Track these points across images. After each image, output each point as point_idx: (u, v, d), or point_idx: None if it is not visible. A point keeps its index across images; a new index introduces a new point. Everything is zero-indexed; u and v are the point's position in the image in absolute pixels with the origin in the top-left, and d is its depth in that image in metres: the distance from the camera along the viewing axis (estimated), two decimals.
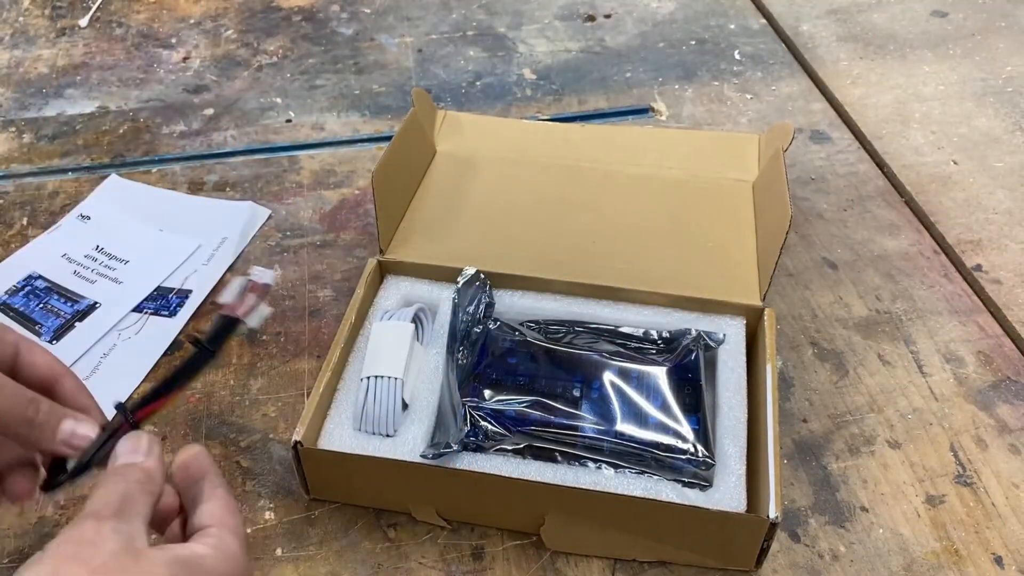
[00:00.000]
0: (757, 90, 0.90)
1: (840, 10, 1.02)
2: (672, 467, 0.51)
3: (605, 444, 0.52)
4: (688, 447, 0.51)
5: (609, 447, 0.52)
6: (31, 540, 0.53)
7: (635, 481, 0.50)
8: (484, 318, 0.59)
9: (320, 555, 0.52)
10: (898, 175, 0.79)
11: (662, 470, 0.51)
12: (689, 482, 0.51)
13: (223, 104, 0.89)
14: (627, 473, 0.51)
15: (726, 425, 0.53)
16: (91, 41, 0.99)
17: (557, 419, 0.53)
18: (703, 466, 0.51)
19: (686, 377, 0.55)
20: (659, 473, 0.51)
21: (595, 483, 0.50)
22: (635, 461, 0.51)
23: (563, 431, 0.52)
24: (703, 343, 0.57)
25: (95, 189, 0.78)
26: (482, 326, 0.59)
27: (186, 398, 0.61)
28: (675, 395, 0.54)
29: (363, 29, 1.00)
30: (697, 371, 0.55)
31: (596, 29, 1.00)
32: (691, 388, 0.54)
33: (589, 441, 0.52)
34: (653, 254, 0.63)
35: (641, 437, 0.52)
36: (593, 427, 0.52)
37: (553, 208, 0.67)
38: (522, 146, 0.73)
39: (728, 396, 0.55)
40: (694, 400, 0.54)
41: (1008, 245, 0.73)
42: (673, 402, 0.53)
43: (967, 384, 0.62)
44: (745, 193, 0.68)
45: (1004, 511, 0.55)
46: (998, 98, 0.89)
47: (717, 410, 0.54)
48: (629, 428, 0.52)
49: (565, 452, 0.52)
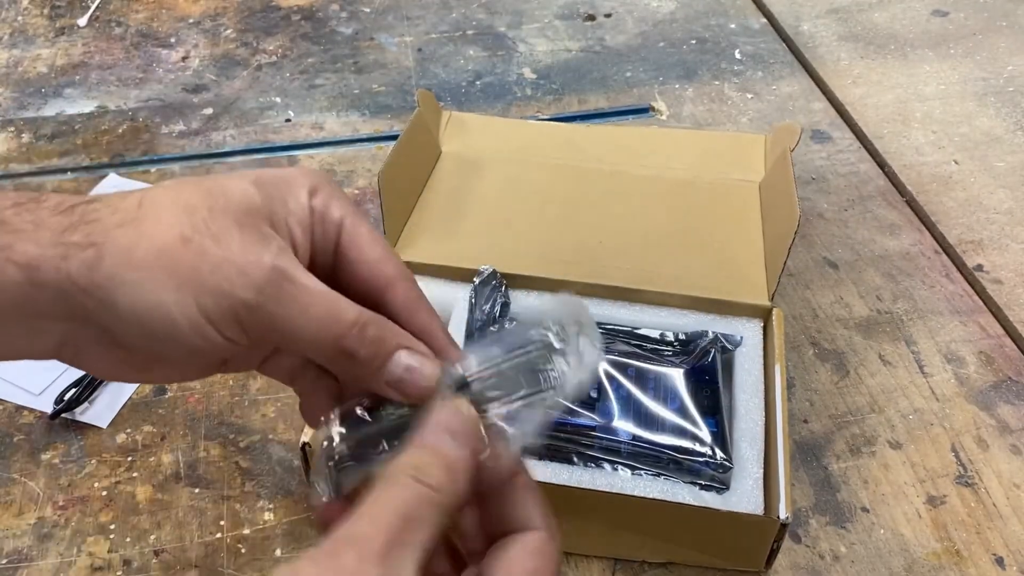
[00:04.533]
0: (758, 89, 0.90)
1: (841, 9, 1.02)
2: (690, 470, 0.51)
3: (622, 447, 0.51)
4: (706, 450, 0.51)
5: (626, 449, 0.51)
6: (29, 541, 0.53)
7: (652, 484, 0.50)
8: (500, 317, 0.59)
9: None
10: (899, 175, 0.79)
11: (680, 473, 0.51)
12: (707, 485, 0.50)
13: (222, 104, 0.89)
14: (644, 475, 0.51)
15: (743, 428, 0.53)
16: (90, 40, 0.98)
17: (574, 420, 0.52)
18: (720, 469, 0.50)
19: (703, 379, 0.54)
20: (676, 476, 0.51)
21: (611, 485, 0.50)
22: (652, 463, 0.51)
23: (579, 433, 0.52)
24: (720, 345, 0.57)
25: (94, 188, 0.78)
26: (498, 325, 0.58)
27: (185, 398, 0.61)
28: (692, 397, 0.53)
29: (363, 28, 1.00)
30: (714, 373, 0.55)
31: (596, 28, 1.00)
32: (709, 390, 0.54)
33: (606, 443, 0.52)
34: (661, 254, 0.63)
35: (658, 439, 0.51)
36: (610, 429, 0.52)
37: (559, 209, 0.67)
38: (527, 147, 0.73)
39: (745, 399, 0.55)
40: (712, 402, 0.53)
41: (1009, 245, 0.73)
42: (691, 404, 0.53)
43: (968, 384, 0.62)
44: (751, 193, 0.68)
45: (1005, 511, 0.55)
46: (999, 98, 0.88)
47: (734, 412, 0.54)
48: (646, 430, 0.52)
49: (581, 454, 0.52)
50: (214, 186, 0.31)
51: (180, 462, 0.57)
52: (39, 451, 0.58)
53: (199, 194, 0.31)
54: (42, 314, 0.30)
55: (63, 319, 0.30)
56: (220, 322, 0.30)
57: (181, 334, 0.30)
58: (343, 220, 0.33)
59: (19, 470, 0.57)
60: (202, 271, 0.29)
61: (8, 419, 0.59)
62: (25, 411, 0.60)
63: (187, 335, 0.30)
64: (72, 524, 0.54)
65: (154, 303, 0.29)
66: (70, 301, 0.29)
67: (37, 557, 0.52)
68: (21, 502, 0.55)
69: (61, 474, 0.56)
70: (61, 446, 0.58)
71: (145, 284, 0.29)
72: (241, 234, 0.30)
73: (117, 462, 0.57)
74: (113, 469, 0.57)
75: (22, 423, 0.59)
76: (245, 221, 0.30)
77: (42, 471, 0.56)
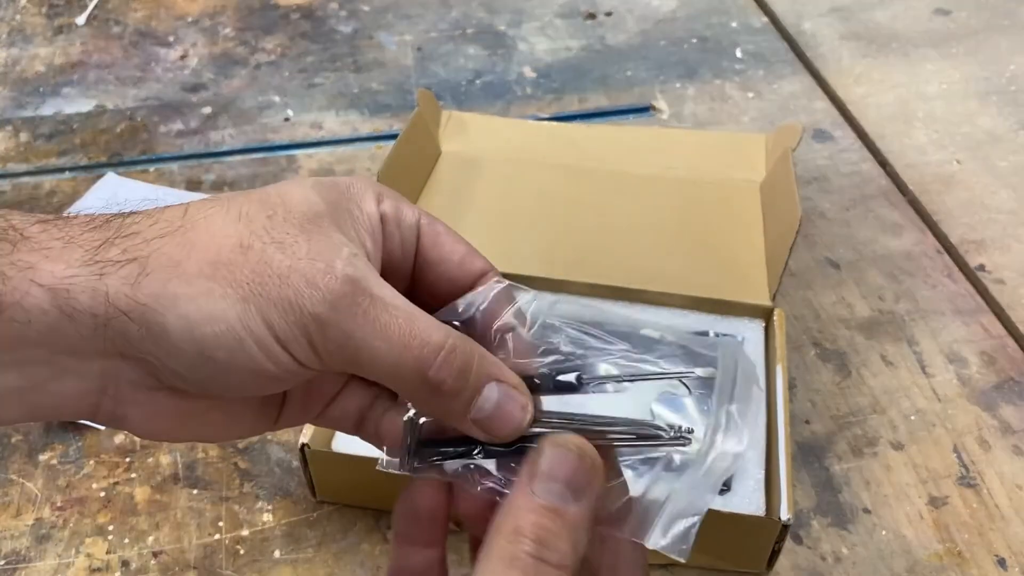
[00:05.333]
0: (759, 88, 0.90)
1: (842, 8, 1.02)
2: None
3: None
4: None
5: None
6: (27, 542, 0.53)
7: None
8: None
9: (319, 557, 0.52)
10: (901, 174, 0.79)
11: None
12: None
13: (221, 103, 0.89)
14: None
15: None
16: (88, 39, 0.98)
17: None
18: None
19: None
20: None
21: None
22: None
23: None
24: None
25: (91, 188, 0.78)
26: None
27: None
28: None
29: (362, 27, 1.00)
30: None
31: (597, 27, 1.00)
32: None
33: None
34: (661, 254, 0.63)
35: None
36: None
37: (560, 208, 0.66)
38: (527, 146, 0.73)
39: None
40: None
41: (1012, 245, 0.72)
42: None
43: (970, 385, 0.62)
44: (753, 193, 0.68)
45: (1008, 513, 0.54)
46: (1001, 97, 0.88)
47: None
48: None
49: None
50: (270, 194, 0.28)
51: (178, 463, 0.57)
52: (37, 452, 0.57)
53: (253, 203, 0.27)
54: (74, 350, 0.25)
55: (99, 356, 0.26)
56: (289, 341, 0.26)
57: (246, 356, 0.25)
58: (419, 222, 0.31)
59: (17, 471, 0.56)
60: (267, 282, 0.25)
61: None
62: None
63: (253, 357, 0.26)
64: (70, 525, 0.54)
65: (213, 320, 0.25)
66: (108, 330, 0.25)
67: (35, 558, 0.52)
68: (19, 503, 0.55)
69: (59, 475, 0.56)
70: (59, 447, 0.58)
71: (199, 299, 0.25)
72: (308, 241, 0.26)
73: (115, 463, 0.57)
74: (111, 470, 0.56)
75: (20, 423, 0.59)
76: (311, 228, 0.27)
77: (40, 472, 0.56)
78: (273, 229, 0.26)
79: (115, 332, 0.25)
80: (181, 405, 0.28)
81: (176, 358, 0.26)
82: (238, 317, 0.25)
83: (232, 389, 0.27)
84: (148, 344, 0.25)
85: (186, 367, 0.26)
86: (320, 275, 0.25)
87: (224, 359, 0.25)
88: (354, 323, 0.26)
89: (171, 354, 0.26)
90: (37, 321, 0.24)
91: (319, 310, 0.25)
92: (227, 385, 0.27)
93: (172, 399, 0.27)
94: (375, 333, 0.26)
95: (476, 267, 0.30)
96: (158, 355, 0.26)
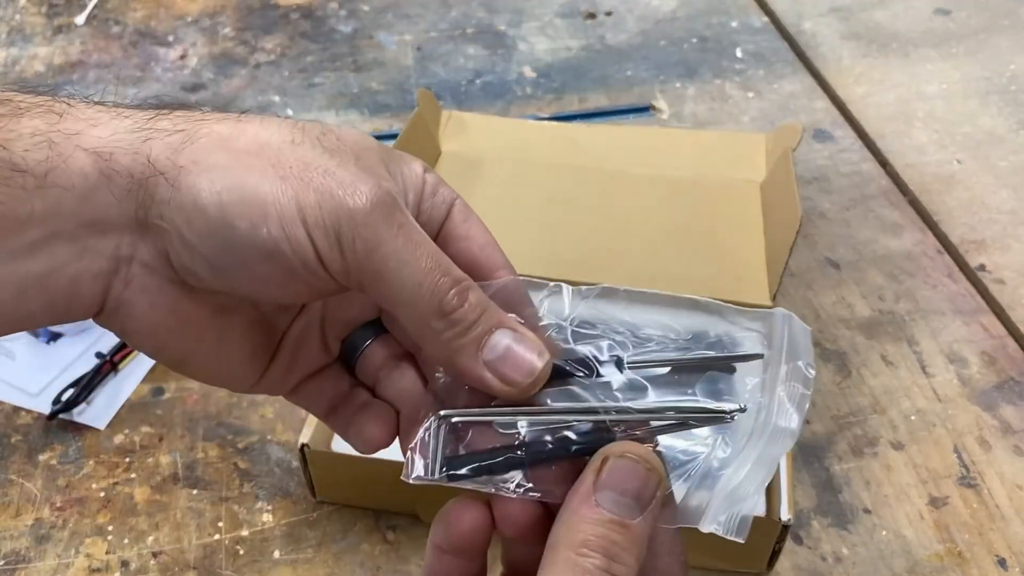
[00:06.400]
0: (759, 88, 0.90)
1: (843, 8, 1.02)
2: None
3: None
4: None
5: None
6: (27, 542, 0.53)
7: None
8: None
9: (319, 557, 0.52)
10: (901, 174, 0.79)
11: None
12: None
13: (221, 102, 0.89)
14: None
15: None
16: (88, 39, 0.98)
17: None
18: None
19: None
20: None
21: None
22: None
23: None
24: None
25: None
26: None
27: (183, 399, 0.60)
28: None
29: (362, 27, 1.00)
30: None
31: (597, 27, 1.00)
32: None
33: None
34: (661, 254, 0.62)
35: None
36: None
37: (560, 208, 0.66)
38: (528, 146, 0.73)
39: None
40: None
41: (1012, 245, 0.72)
42: None
43: (971, 385, 0.62)
44: (753, 193, 0.68)
45: (1008, 513, 0.54)
46: (1002, 97, 0.88)
47: None
48: None
49: None
50: (327, 127, 0.28)
51: (178, 463, 0.57)
52: (37, 452, 0.57)
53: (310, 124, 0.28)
54: (100, 220, 0.25)
55: (122, 229, 0.26)
56: (317, 230, 0.25)
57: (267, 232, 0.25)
58: (454, 201, 0.31)
59: (16, 471, 0.56)
60: (311, 171, 0.25)
61: (5, 420, 0.59)
62: (23, 412, 0.59)
63: (274, 235, 0.25)
64: (70, 525, 0.53)
65: (243, 188, 0.25)
66: (141, 192, 0.25)
67: (35, 558, 0.52)
68: (19, 503, 0.55)
69: (59, 475, 0.56)
70: (59, 447, 0.57)
71: (237, 168, 0.25)
72: (357, 161, 0.27)
73: (115, 463, 0.57)
74: (111, 470, 0.56)
75: (19, 424, 0.59)
76: (361, 154, 0.27)
77: (40, 472, 0.56)
78: (326, 141, 0.27)
79: (146, 194, 0.25)
80: (184, 305, 0.28)
81: (196, 225, 0.25)
82: (271, 191, 0.25)
83: (239, 281, 0.27)
84: (173, 208, 0.25)
85: (202, 237, 0.25)
86: (365, 183, 0.26)
87: (244, 231, 0.25)
88: (388, 232, 0.26)
89: (192, 220, 0.25)
90: (79, 186, 0.24)
91: (360, 206, 0.25)
92: (235, 276, 0.26)
93: (178, 294, 0.27)
94: (405, 248, 0.26)
95: (496, 259, 0.31)
96: (179, 223, 0.25)
